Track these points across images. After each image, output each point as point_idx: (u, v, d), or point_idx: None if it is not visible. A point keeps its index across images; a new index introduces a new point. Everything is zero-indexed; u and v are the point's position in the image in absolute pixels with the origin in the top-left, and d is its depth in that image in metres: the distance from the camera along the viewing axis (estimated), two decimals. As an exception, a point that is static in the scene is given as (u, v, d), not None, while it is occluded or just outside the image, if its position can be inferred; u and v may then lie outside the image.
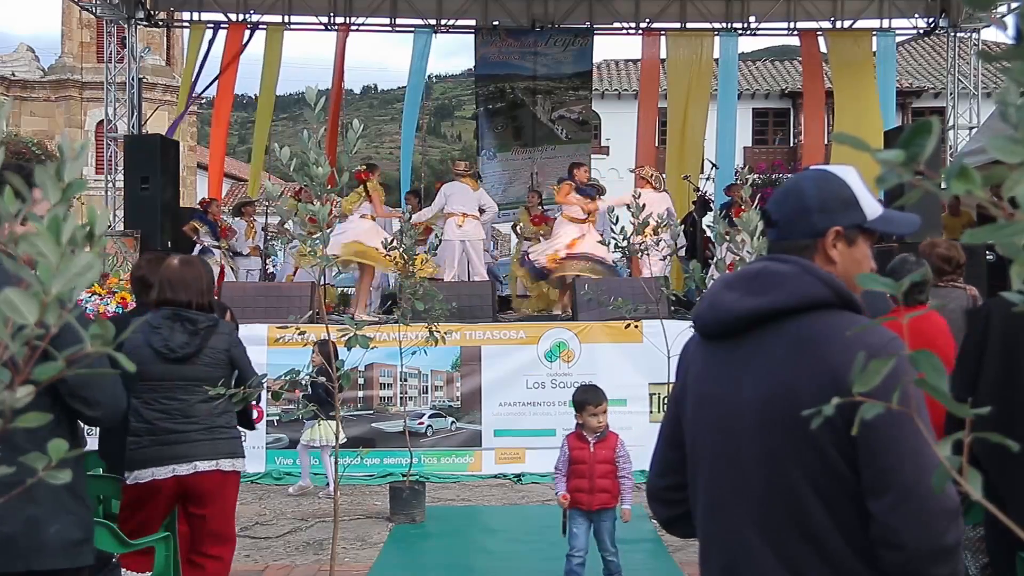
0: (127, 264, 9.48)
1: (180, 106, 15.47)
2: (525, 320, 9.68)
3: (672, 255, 9.19)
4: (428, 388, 8.47)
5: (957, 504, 1.58)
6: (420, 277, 7.29)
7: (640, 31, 14.44)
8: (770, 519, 1.67)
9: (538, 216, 12.10)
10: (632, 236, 7.19)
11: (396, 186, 14.99)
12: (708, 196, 12.11)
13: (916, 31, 15.23)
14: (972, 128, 13.94)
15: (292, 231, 10.07)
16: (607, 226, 8.95)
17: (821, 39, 14.43)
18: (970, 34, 14.12)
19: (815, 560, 1.63)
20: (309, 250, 4.08)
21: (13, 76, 33.05)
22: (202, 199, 13.18)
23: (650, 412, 8.23)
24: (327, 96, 4.00)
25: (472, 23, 14.57)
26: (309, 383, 5.05)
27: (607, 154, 26.89)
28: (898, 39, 15.04)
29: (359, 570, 5.58)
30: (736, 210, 9.18)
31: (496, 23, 14.42)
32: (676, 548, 5.81)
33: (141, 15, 14.09)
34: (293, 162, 3.88)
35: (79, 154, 0.95)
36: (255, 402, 4.38)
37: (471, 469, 8.31)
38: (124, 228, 10.79)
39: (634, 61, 26.36)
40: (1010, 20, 0.81)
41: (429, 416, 8.42)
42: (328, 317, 6.98)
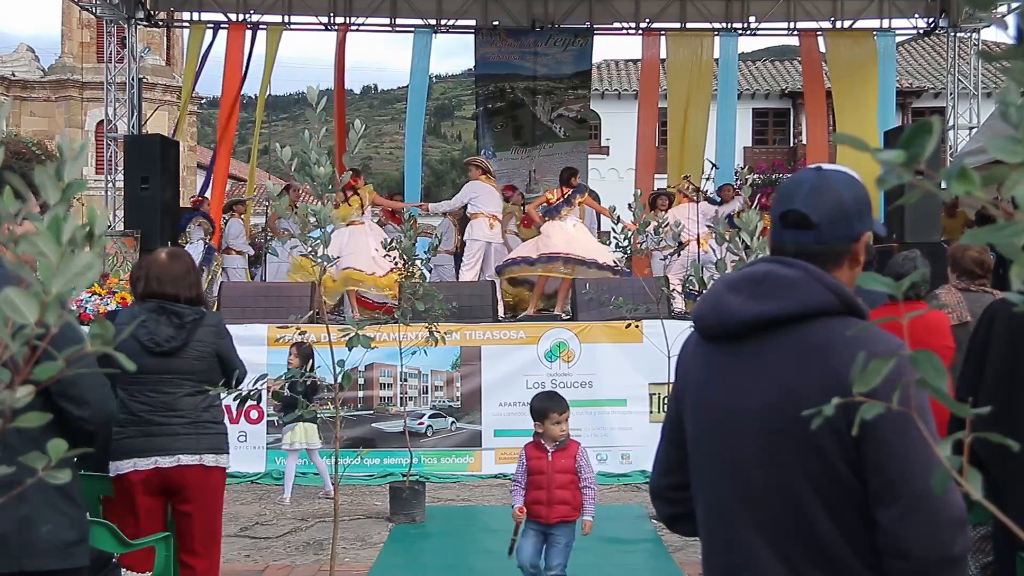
0: (127, 264, 9.48)
1: (182, 106, 15.49)
2: (525, 320, 9.68)
3: (673, 255, 9.21)
4: (428, 388, 8.47)
5: (965, 513, 1.58)
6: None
7: (640, 31, 14.44)
8: (773, 524, 1.67)
9: (526, 218, 12.12)
10: (633, 236, 7.19)
11: (397, 186, 14.99)
12: (710, 196, 12.12)
13: (916, 31, 15.24)
14: (972, 128, 13.94)
15: (291, 231, 10.07)
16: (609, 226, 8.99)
17: (821, 39, 14.43)
18: (970, 34, 14.12)
19: (818, 566, 1.63)
20: (305, 262, 4.06)
21: (13, 76, 33.05)
22: (194, 198, 13.14)
23: (650, 412, 8.23)
24: (329, 96, 3.99)
25: (472, 23, 14.57)
26: (286, 385, 5.03)
27: (607, 154, 26.90)
28: (898, 39, 15.04)
29: (359, 570, 5.58)
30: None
31: (496, 23, 14.42)
32: (676, 548, 5.81)
33: (141, 15, 14.09)
34: (294, 162, 3.88)
35: (79, 154, 0.95)
36: (255, 402, 4.37)
37: (471, 469, 8.31)
38: (124, 228, 10.79)
39: (634, 61, 26.37)
40: (1011, 20, 0.81)
41: (429, 416, 8.42)
42: (328, 317, 6.99)
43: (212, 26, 14.00)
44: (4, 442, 1.25)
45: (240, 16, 14.02)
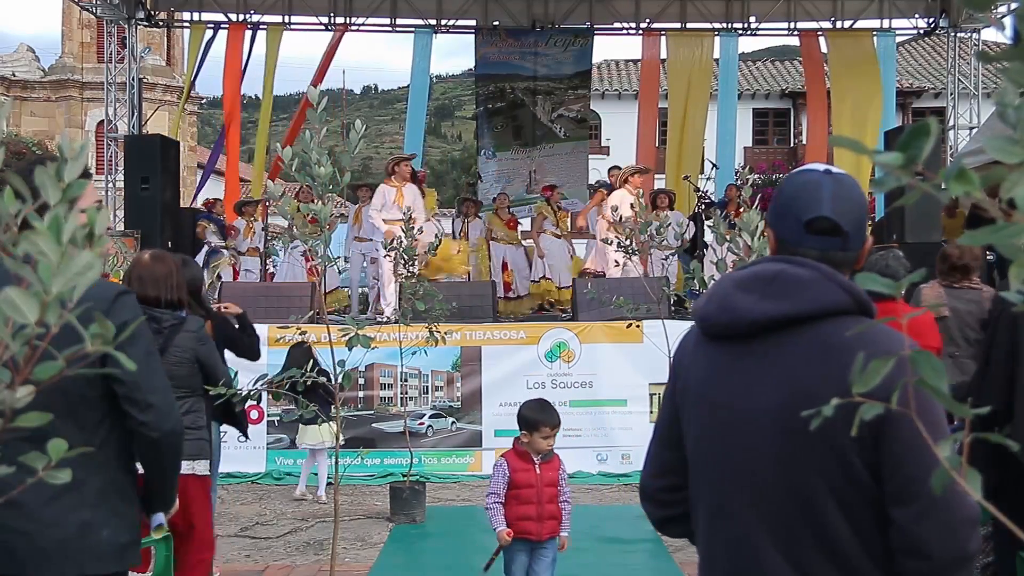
0: (127, 264, 9.47)
1: (181, 106, 15.49)
2: (525, 320, 9.69)
3: (674, 255, 9.21)
4: (428, 388, 8.47)
5: (979, 513, 1.59)
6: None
7: (640, 31, 14.44)
8: (784, 526, 1.65)
9: (512, 220, 12.13)
10: (634, 235, 7.18)
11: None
12: (710, 196, 12.12)
13: (916, 31, 15.24)
14: (972, 128, 13.94)
15: (296, 233, 10.07)
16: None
17: (821, 39, 14.43)
18: (970, 34, 14.12)
19: (829, 567, 1.62)
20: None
21: (13, 76, 33.07)
22: (206, 200, 13.18)
23: (650, 412, 8.23)
24: (329, 96, 3.99)
25: (472, 23, 14.57)
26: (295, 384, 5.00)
27: (607, 154, 26.87)
28: (898, 39, 15.04)
29: (359, 570, 5.58)
30: (735, 211, 9.19)
31: (496, 23, 14.42)
32: (676, 548, 5.80)
33: (141, 15, 14.10)
34: (295, 162, 3.88)
35: (79, 154, 0.95)
36: (255, 402, 4.35)
37: (471, 469, 8.31)
38: (124, 228, 10.80)
39: (634, 61, 26.37)
40: (1008, 21, 0.82)
41: (429, 416, 8.42)
42: (328, 317, 6.98)
43: (212, 26, 14.00)
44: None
45: (240, 16, 14.02)
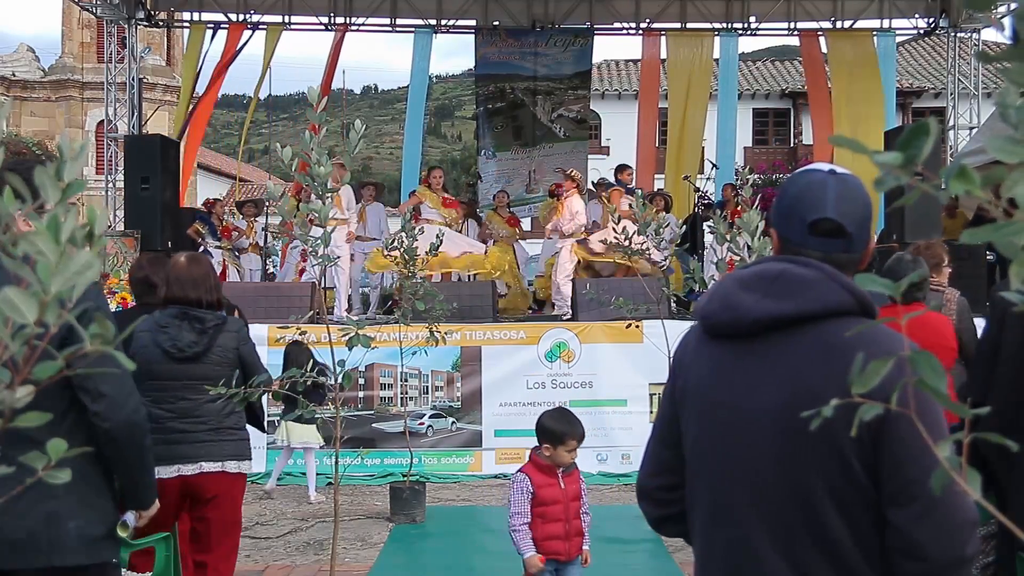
0: (127, 264, 9.48)
1: (182, 107, 15.44)
2: (525, 320, 9.69)
3: (672, 255, 9.21)
4: (428, 388, 8.47)
5: (977, 515, 1.58)
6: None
7: (640, 31, 14.44)
8: (783, 526, 1.65)
9: (512, 218, 12.13)
10: (634, 236, 7.18)
11: (396, 186, 14.98)
12: (709, 196, 12.12)
13: (916, 31, 15.24)
14: (972, 128, 13.94)
15: (297, 232, 10.07)
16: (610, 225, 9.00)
17: (821, 39, 14.43)
18: (970, 34, 14.12)
19: (826, 567, 1.62)
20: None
21: (13, 76, 33.05)
22: (206, 199, 13.17)
23: (650, 412, 8.23)
24: (328, 96, 4.00)
25: (472, 23, 14.57)
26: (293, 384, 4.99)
27: (607, 154, 26.88)
28: (898, 39, 15.04)
29: (359, 570, 5.58)
30: (733, 211, 9.19)
31: (496, 23, 14.42)
32: (676, 548, 5.80)
33: (141, 15, 14.09)
34: (295, 162, 3.88)
35: (79, 154, 0.95)
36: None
37: (471, 469, 8.31)
38: (124, 228, 10.79)
39: (634, 61, 26.37)
40: (1008, 21, 0.82)
41: (429, 416, 8.42)
42: (328, 317, 6.98)
43: (212, 26, 14.00)
44: (32, 440, 1.25)
45: (240, 16, 14.02)
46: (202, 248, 11.49)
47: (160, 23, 15.05)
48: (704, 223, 10.99)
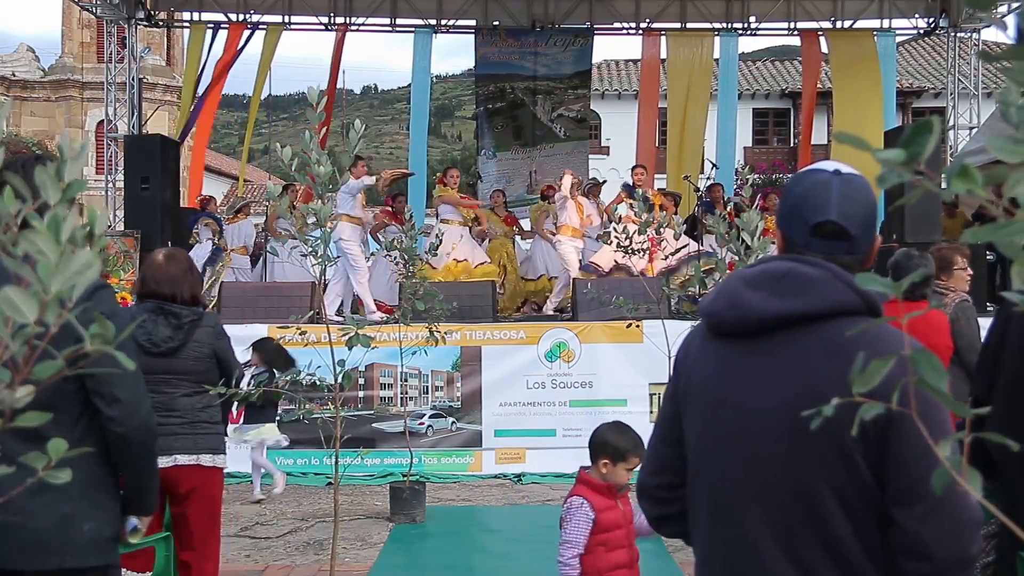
0: (127, 264, 9.48)
1: (183, 108, 15.44)
2: (525, 320, 9.70)
3: (674, 255, 9.20)
4: (428, 388, 8.47)
5: (981, 515, 1.57)
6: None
7: (640, 31, 14.45)
8: (786, 525, 1.65)
9: (509, 217, 12.12)
10: (635, 235, 7.18)
11: (398, 187, 14.94)
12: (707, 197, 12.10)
13: (916, 31, 15.24)
14: (972, 128, 13.95)
15: (290, 231, 10.06)
16: (611, 225, 9.01)
17: (821, 39, 14.44)
18: (970, 34, 14.13)
19: (829, 567, 1.62)
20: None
21: (13, 76, 33.07)
22: (201, 197, 13.12)
23: (650, 412, 8.22)
24: (327, 97, 4.00)
25: (472, 23, 14.57)
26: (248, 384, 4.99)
27: (607, 154, 26.89)
28: (898, 39, 15.04)
29: (359, 570, 5.58)
30: (723, 210, 9.19)
31: (496, 23, 14.42)
32: (676, 548, 5.80)
33: (141, 15, 14.10)
34: (295, 162, 3.88)
35: (79, 154, 0.95)
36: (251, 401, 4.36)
37: (471, 469, 8.31)
38: (124, 228, 10.80)
39: (634, 61, 26.36)
40: (1010, 20, 0.81)
41: (429, 416, 8.42)
42: (328, 317, 6.99)
43: (212, 26, 14.00)
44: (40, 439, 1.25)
45: (240, 16, 14.02)
46: (210, 247, 11.49)
47: (160, 23, 15.05)
48: (704, 224, 10.99)
